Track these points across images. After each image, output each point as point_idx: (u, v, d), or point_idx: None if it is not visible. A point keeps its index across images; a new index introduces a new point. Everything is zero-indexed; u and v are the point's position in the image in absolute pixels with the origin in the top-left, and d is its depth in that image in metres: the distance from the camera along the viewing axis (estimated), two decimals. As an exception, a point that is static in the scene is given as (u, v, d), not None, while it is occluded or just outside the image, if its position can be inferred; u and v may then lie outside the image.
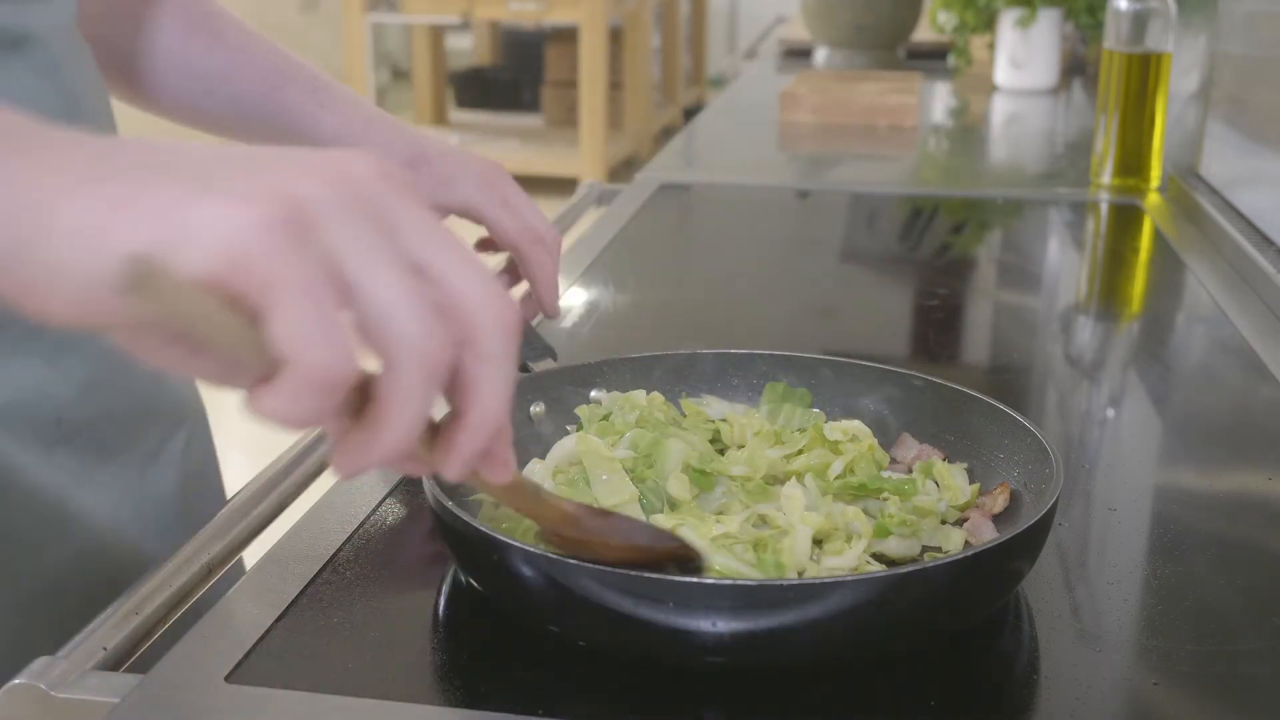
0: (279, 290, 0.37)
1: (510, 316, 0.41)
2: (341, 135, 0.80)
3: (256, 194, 0.38)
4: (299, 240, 0.38)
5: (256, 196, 0.38)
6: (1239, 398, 0.95)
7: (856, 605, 0.54)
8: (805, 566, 0.61)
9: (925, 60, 2.51)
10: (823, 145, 1.87)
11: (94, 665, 0.57)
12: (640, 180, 1.57)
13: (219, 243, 0.37)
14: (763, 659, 0.55)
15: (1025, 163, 1.83)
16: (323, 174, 0.39)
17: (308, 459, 0.77)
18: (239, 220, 0.37)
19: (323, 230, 0.38)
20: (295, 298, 0.37)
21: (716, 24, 7.01)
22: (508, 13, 4.96)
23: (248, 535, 0.69)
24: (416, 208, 0.41)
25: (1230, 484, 0.81)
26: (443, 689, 0.56)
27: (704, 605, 0.53)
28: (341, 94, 0.83)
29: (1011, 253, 1.40)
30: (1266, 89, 1.27)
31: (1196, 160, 1.46)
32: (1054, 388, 0.98)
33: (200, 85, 0.84)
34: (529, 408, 0.74)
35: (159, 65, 0.83)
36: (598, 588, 0.54)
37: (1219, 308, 1.10)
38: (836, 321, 1.14)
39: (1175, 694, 0.57)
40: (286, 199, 0.38)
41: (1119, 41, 1.46)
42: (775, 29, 3.33)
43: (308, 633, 0.59)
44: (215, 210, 0.38)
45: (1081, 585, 0.65)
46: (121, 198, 0.38)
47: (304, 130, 0.81)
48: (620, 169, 5.11)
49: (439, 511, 0.60)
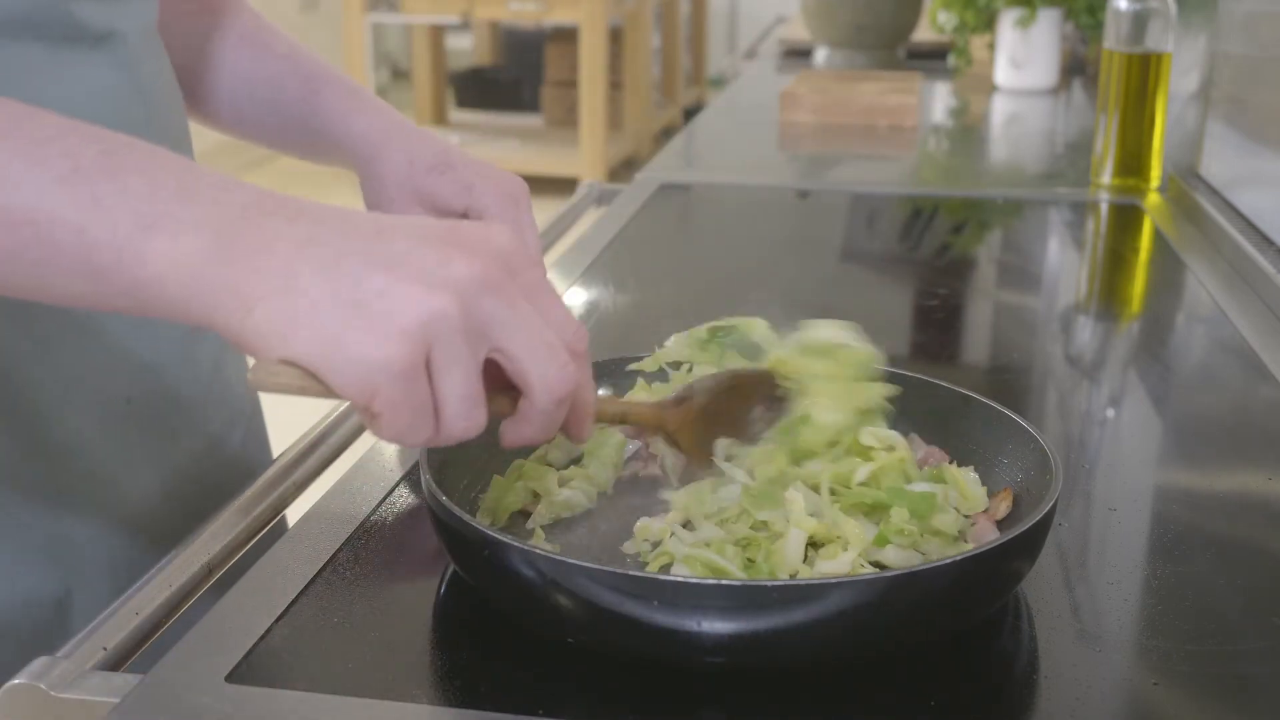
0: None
1: (583, 342, 0.55)
2: (369, 137, 0.83)
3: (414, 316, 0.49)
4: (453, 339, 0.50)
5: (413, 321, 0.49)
6: (1239, 398, 0.95)
7: (855, 606, 0.54)
8: (797, 570, 0.61)
9: (925, 60, 2.51)
10: (823, 145, 1.87)
11: (94, 665, 0.57)
12: (640, 180, 1.57)
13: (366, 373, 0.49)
14: (760, 660, 0.55)
15: (1025, 163, 1.83)
16: (473, 259, 0.50)
17: (308, 459, 0.77)
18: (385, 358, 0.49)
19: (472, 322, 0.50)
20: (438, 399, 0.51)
21: (716, 24, 7.01)
22: (508, 13, 4.96)
23: (248, 535, 0.69)
24: (534, 270, 0.53)
25: (1230, 484, 0.81)
26: (443, 689, 0.56)
27: (700, 605, 0.53)
28: (372, 101, 0.86)
29: (1011, 253, 1.40)
30: (1266, 89, 1.27)
31: (1196, 160, 1.46)
32: (1054, 388, 0.98)
33: (245, 90, 0.88)
34: None
35: (211, 72, 0.88)
36: (592, 586, 0.54)
37: (1219, 308, 1.10)
38: (836, 321, 1.14)
39: (1175, 694, 0.57)
40: (417, 332, 0.49)
41: (1119, 41, 1.46)
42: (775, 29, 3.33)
43: (308, 633, 0.59)
44: (371, 344, 0.49)
45: (1081, 585, 0.65)
46: (303, 313, 0.49)
47: (335, 133, 0.84)
48: (620, 169, 5.11)
49: (435, 509, 0.60)
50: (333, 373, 0.49)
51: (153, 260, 0.49)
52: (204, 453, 0.81)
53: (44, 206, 0.49)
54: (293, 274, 0.49)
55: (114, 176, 0.50)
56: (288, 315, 0.49)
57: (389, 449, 0.78)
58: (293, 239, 0.50)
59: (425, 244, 0.50)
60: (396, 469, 0.75)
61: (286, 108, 0.87)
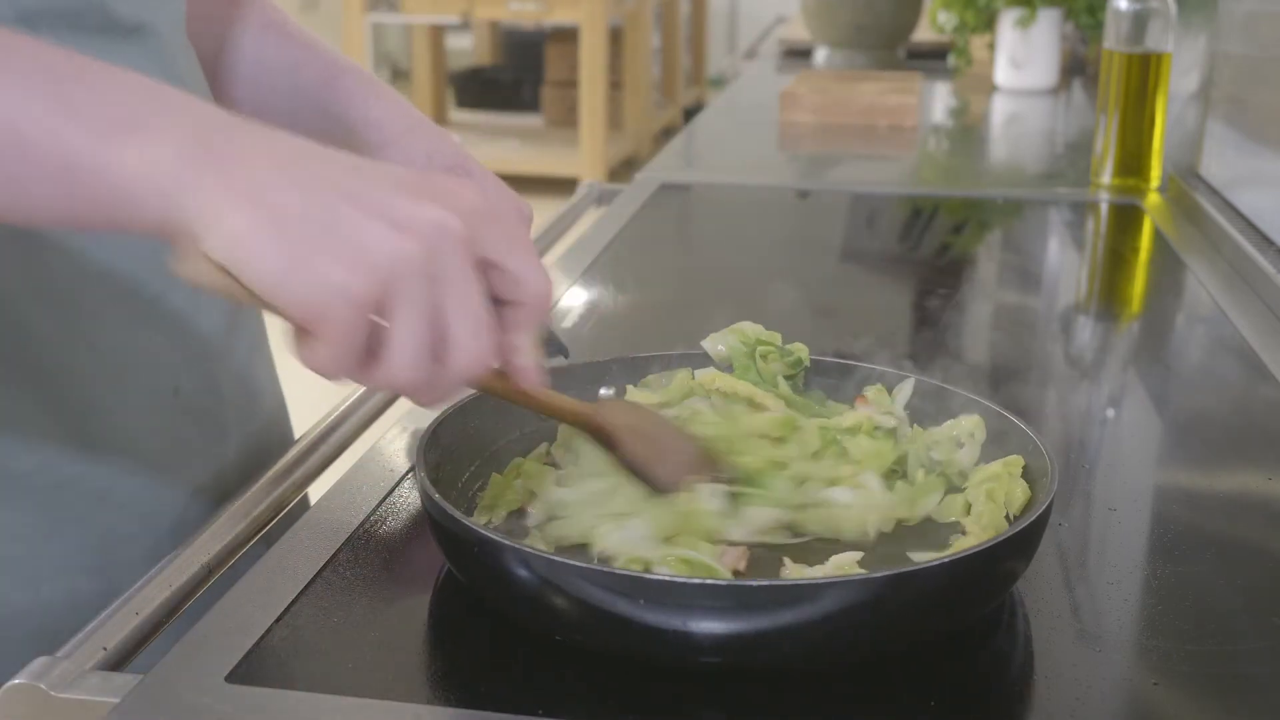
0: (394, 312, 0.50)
1: (548, 291, 0.55)
2: (387, 125, 0.83)
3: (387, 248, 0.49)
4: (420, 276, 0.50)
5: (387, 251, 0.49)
6: (1239, 398, 0.95)
7: (849, 606, 0.54)
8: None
9: (925, 60, 2.51)
10: (823, 145, 1.87)
11: (94, 665, 0.57)
12: (640, 180, 1.57)
13: (321, 295, 0.49)
14: (754, 660, 0.55)
15: (1025, 163, 1.83)
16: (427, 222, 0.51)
17: (308, 459, 0.77)
18: (345, 285, 0.49)
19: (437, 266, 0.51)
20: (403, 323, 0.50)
21: (716, 24, 7.01)
22: (508, 13, 4.96)
23: (247, 535, 0.69)
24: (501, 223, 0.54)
25: (1230, 484, 0.81)
26: (442, 689, 0.56)
27: (693, 606, 0.53)
28: (391, 91, 0.86)
29: (1011, 253, 1.40)
30: (1266, 89, 1.27)
31: (1196, 160, 1.46)
32: (1054, 388, 0.98)
33: (266, 77, 0.89)
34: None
35: (232, 59, 0.88)
36: (585, 585, 0.54)
37: (1219, 308, 1.10)
38: (836, 321, 1.14)
39: (1175, 694, 0.57)
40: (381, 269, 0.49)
41: (1119, 41, 1.46)
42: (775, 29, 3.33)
43: (308, 633, 0.59)
44: (333, 269, 0.49)
45: (1081, 585, 0.65)
46: (271, 226, 0.49)
47: (353, 117, 0.84)
48: (620, 169, 5.11)
49: (428, 506, 0.60)
50: (286, 287, 0.49)
51: (130, 163, 0.49)
52: (247, 448, 0.81)
53: (19, 110, 0.50)
54: (267, 186, 0.50)
55: (89, 83, 0.51)
56: (255, 225, 0.49)
57: (390, 449, 0.78)
58: (271, 155, 0.51)
59: (399, 188, 0.51)
60: (397, 469, 0.75)
61: (305, 92, 0.87)
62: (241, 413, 0.81)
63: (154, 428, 0.73)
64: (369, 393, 0.86)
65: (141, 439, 0.73)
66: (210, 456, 0.78)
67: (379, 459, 0.76)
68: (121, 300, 0.71)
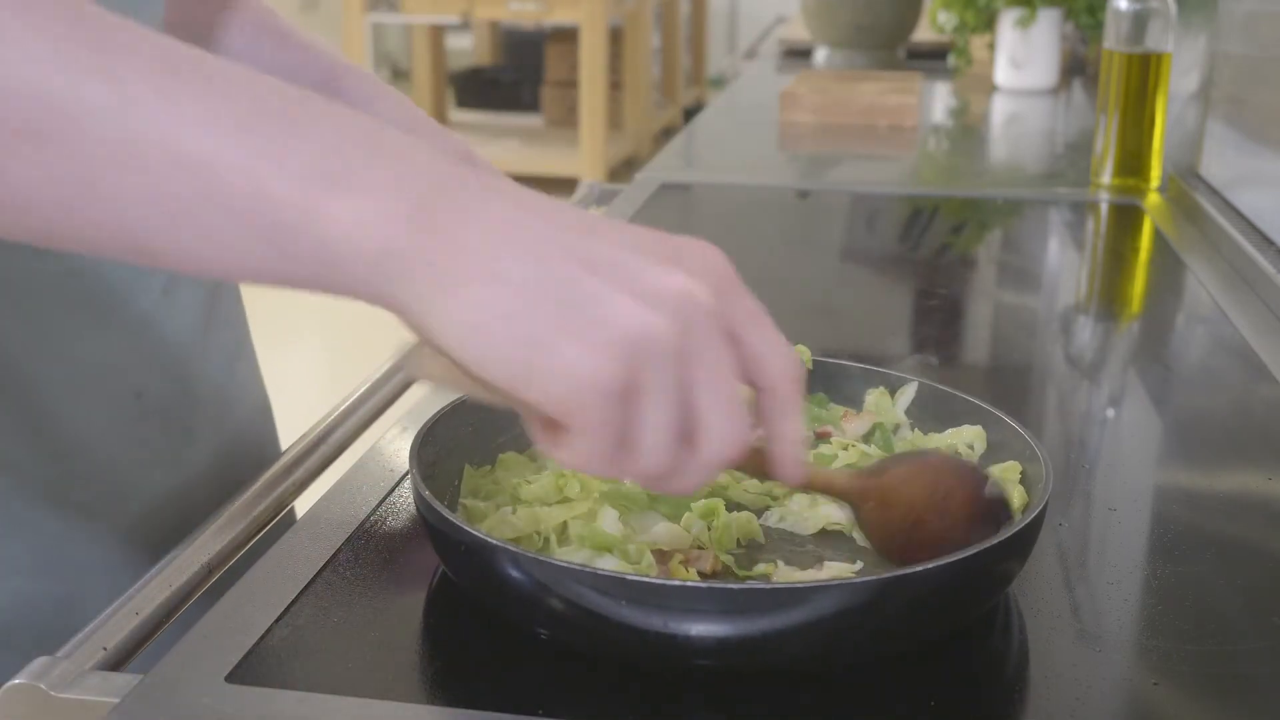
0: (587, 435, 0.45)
1: (797, 373, 0.50)
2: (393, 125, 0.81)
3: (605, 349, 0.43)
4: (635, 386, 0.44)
5: (605, 353, 0.43)
6: (1239, 398, 0.95)
7: (843, 611, 0.53)
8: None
9: (925, 60, 2.51)
10: (823, 145, 1.87)
11: (94, 665, 0.57)
12: (640, 180, 1.57)
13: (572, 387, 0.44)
14: (748, 663, 0.55)
15: (1025, 163, 1.83)
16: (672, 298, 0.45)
17: (308, 459, 0.77)
18: (596, 373, 0.43)
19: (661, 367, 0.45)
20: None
21: (716, 24, 7.01)
22: (508, 13, 4.96)
23: (247, 535, 0.69)
24: (747, 297, 0.49)
25: (1230, 484, 0.81)
26: (443, 689, 0.56)
27: (687, 609, 0.53)
28: (393, 91, 0.85)
29: (1011, 253, 1.40)
30: (1266, 89, 1.27)
31: (1196, 160, 1.46)
32: (1054, 388, 0.98)
33: None
34: None
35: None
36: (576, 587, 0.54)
37: (1219, 308, 1.10)
38: (836, 321, 1.14)
39: (1175, 694, 0.57)
40: (631, 351, 0.44)
41: (1119, 41, 1.46)
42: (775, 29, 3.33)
43: (308, 633, 0.59)
44: (582, 354, 0.43)
45: (1081, 585, 0.65)
46: (508, 308, 0.43)
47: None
48: (620, 169, 5.11)
49: (424, 511, 0.60)
50: (533, 382, 0.43)
51: (341, 218, 0.43)
52: (221, 453, 0.81)
53: (218, 151, 0.43)
54: (496, 258, 0.43)
55: (293, 123, 0.44)
56: (492, 307, 0.43)
57: (390, 448, 0.78)
58: (493, 218, 0.44)
59: (640, 252, 0.45)
60: (397, 469, 0.75)
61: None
62: (215, 418, 0.80)
63: (112, 432, 0.72)
64: (369, 393, 0.86)
65: (99, 443, 0.72)
66: (176, 462, 0.77)
67: (379, 459, 0.76)
68: (83, 302, 0.70)
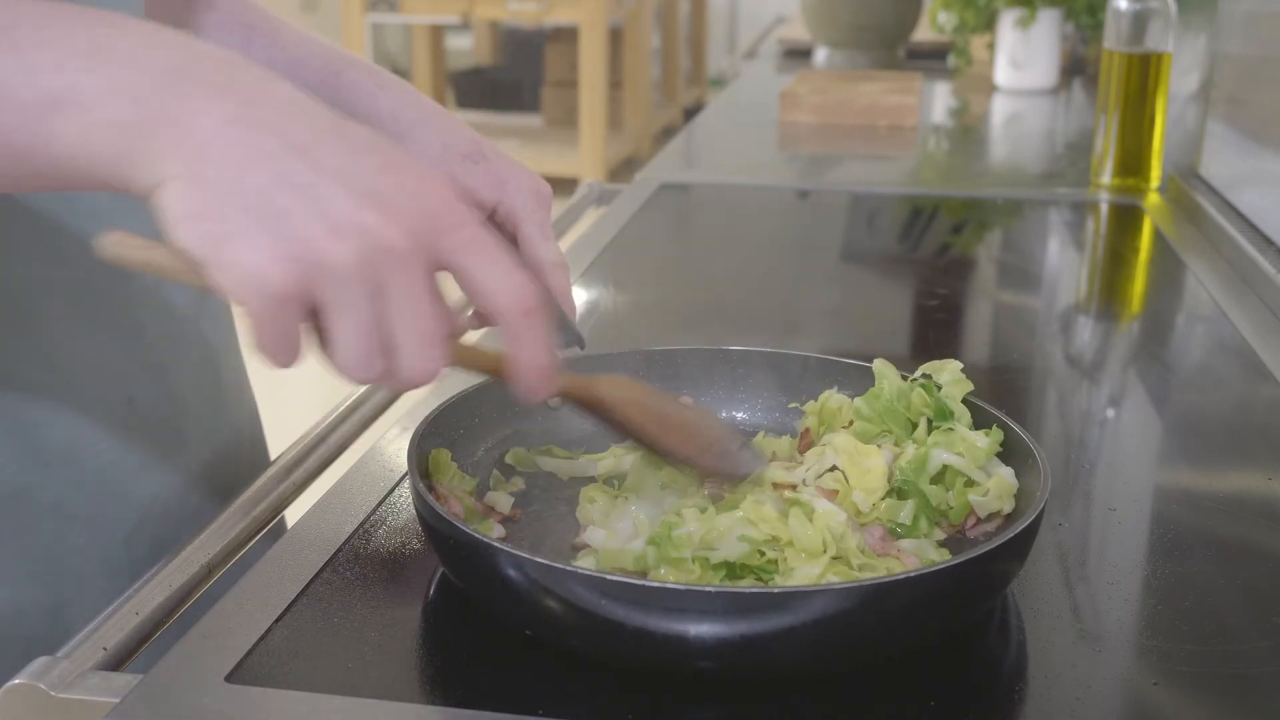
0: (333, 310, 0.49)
1: (523, 298, 0.51)
2: (399, 115, 0.80)
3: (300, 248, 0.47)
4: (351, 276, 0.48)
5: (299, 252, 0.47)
6: (1239, 398, 0.95)
7: (840, 612, 0.53)
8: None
9: (925, 60, 2.51)
10: (823, 145, 1.87)
11: (94, 665, 0.57)
12: (640, 180, 1.57)
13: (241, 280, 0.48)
14: (748, 665, 0.55)
15: (1025, 163, 1.83)
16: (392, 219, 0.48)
17: (308, 459, 0.77)
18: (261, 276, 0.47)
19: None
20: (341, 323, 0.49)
21: (716, 24, 7.01)
22: (508, 13, 4.96)
23: (247, 535, 0.69)
24: (464, 229, 0.51)
25: (1230, 484, 0.81)
26: (442, 689, 0.56)
27: (688, 610, 0.53)
28: (397, 81, 0.84)
29: (1011, 253, 1.40)
30: (1266, 89, 1.27)
31: (1196, 160, 1.46)
32: (1054, 388, 0.98)
33: None
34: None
35: None
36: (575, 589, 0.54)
37: (1219, 308, 1.10)
38: (836, 321, 1.14)
39: (1175, 694, 0.57)
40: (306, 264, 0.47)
41: (1119, 41, 1.46)
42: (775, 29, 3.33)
43: (308, 633, 0.59)
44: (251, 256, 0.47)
45: (1081, 585, 0.65)
46: (199, 206, 0.47)
47: (361, 111, 0.81)
48: (620, 169, 5.11)
49: (422, 512, 0.60)
50: (212, 268, 0.48)
51: (64, 137, 0.48)
52: (212, 459, 0.80)
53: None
54: (202, 159, 0.48)
55: (18, 49, 0.49)
56: (187, 204, 0.47)
57: (389, 448, 0.78)
58: (215, 115, 0.48)
59: (344, 182, 0.48)
60: (396, 469, 0.75)
61: (308, 89, 0.85)
62: (206, 424, 0.80)
63: (106, 439, 0.72)
64: (368, 393, 0.86)
65: (92, 450, 0.71)
66: (169, 468, 0.76)
67: (379, 459, 0.76)
68: (76, 308, 0.70)
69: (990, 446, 0.67)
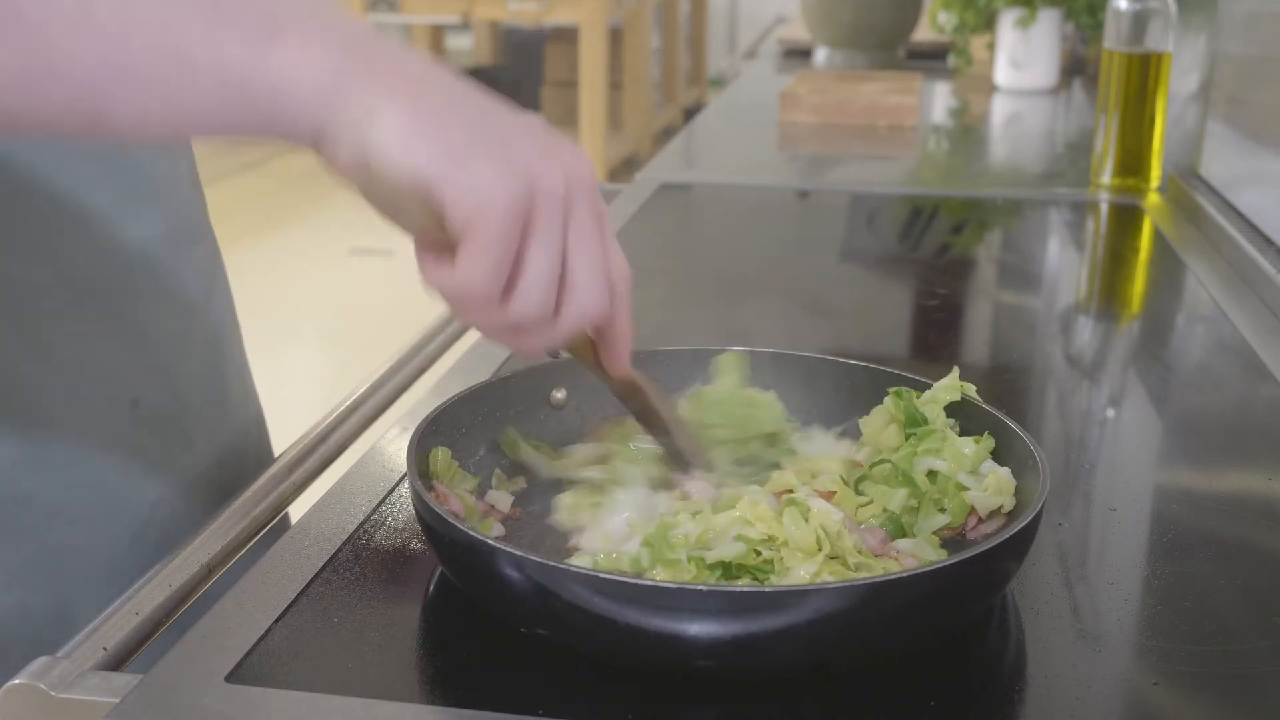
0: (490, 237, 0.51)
1: (628, 276, 0.60)
2: None
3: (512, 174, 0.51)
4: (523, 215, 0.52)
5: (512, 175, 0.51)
6: (1239, 398, 0.95)
7: (840, 611, 0.53)
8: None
9: (925, 60, 2.51)
10: (823, 145, 1.87)
11: (94, 665, 0.57)
12: (640, 180, 1.57)
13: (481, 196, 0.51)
14: (747, 664, 0.55)
15: (1025, 163, 1.83)
16: (559, 167, 0.53)
17: (308, 459, 0.77)
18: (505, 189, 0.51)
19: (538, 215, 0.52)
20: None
21: (716, 24, 7.01)
22: (507, 13, 4.96)
23: (247, 535, 0.69)
24: (591, 207, 0.55)
25: (1230, 484, 0.81)
26: (442, 689, 0.56)
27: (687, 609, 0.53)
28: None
29: (1011, 253, 1.40)
30: (1266, 89, 1.27)
31: (1196, 160, 1.46)
32: (1054, 388, 0.98)
33: None
34: (551, 392, 0.75)
35: None
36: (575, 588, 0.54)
37: (1219, 308, 1.10)
38: (836, 321, 1.14)
39: (1175, 694, 0.57)
40: (530, 185, 0.52)
41: (1119, 41, 1.46)
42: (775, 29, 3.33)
43: (308, 633, 0.59)
44: (493, 171, 0.51)
45: (1081, 585, 0.65)
46: (433, 123, 0.51)
47: None
48: (620, 169, 5.11)
49: (422, 512, 0.60)
50: (446, 190, 0.50)
51: (285, 65, 0.50)
52: (216, 461, 0.80)
53: (181, 30, 0.49)
54: (423, 89, 0.51)
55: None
56: (417, 122, 0.50)
57: (389, 449, 0.78)
58: (412, 64, 0.52)
59: (533, 132, 0.53)
60: (396, 469, 0.75)
61: None
62: (210, 425, 0.80)
63: (110, 441, 0.72)
64: (368, 393, 0.86)
65: (96, 453, 0.71)
66: (174, 469, 0.76)
67: (379, 459, 0.76)
68: (78, 310, 0.70)
69: (978, 454, 0.67)
